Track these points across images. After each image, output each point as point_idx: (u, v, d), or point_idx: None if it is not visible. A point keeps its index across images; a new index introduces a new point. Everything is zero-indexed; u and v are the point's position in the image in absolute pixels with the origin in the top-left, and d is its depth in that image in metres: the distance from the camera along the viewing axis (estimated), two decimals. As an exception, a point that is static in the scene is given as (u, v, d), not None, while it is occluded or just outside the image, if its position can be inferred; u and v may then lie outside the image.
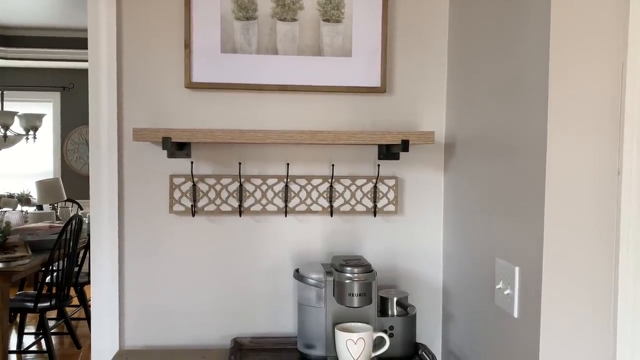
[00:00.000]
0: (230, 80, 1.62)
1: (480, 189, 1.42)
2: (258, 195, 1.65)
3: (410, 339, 1.52)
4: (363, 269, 1.42)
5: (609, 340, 1.10)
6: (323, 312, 1.47)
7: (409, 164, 1.70)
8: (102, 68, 1.61)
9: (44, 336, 3.78)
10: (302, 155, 1.67)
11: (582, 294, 1.10)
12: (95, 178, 1.63)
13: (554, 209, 1.08)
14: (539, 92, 1.11)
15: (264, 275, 1.67)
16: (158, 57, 1.62)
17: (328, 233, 1.69)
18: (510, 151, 1.24)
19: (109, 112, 1.61)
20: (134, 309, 1.64)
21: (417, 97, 1.69)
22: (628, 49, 1.06)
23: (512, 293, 1.21)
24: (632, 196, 1.07)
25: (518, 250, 1.20)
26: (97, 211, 1.63)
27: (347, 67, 1.64)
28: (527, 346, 1.15)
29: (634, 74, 1.06)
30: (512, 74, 1.23)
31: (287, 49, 1.63)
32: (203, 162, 1.64)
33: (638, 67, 1.06)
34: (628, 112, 1.06)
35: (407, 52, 1.68)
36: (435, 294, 1.73)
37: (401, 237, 1.71)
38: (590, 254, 1.10)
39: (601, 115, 1.08)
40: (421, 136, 1.49)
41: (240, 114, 1.64)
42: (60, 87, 6.85)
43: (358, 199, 1.68)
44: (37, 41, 5.88)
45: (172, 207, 1.62)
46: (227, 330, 1.66)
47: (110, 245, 1.62)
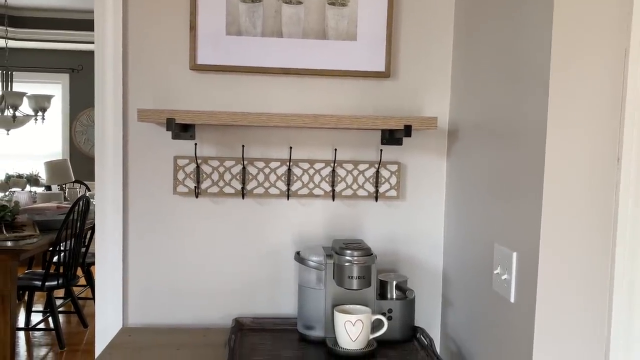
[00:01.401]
0: (235, 63, 1.62)
1: (481, 175, 1.43)
2: (261, 178, 1.66)
3: (408, 322, 1.54)
4: (363, 252, 1.44)
5: (604, 326, 1.11)
6: (323, 294, 1.49)
7: (411, 150, 1.71)
8: (107, 49, 1.62)
9: (51, 314, 3.85)
10: (305, 139, 1.68)
11: (578, 280, 1.11)
12: (100, 158, 1.65)
13: (552, 196, 1.09)
14: (540, 79, 1.11)
15: (265, 257, 1.69)
16: (164, 39, 1.63)
17: (330, 217, 1.70)
18: (511, 137, 1.25)
19: (114, 93, 1.62)
20: (137, 287, 1.67)
21: (421, 83, 1.68)
22: (631, 35, 1.05)
23: (509, 278, 1.22)
24: (630, 184, 1.07)
25: (516, 236, 1.21)
26: (102, 191, 1.65)
27: (351, 51, 1.64)
28: (523, 331, 1.16)
29: (636, 61, 1.05)
30: (515, 61, 1.23)
31: (292, 32, 1.63)
32: (207, 144, 1.66)
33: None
34: (629, 100, 1.06)
35: (412, 37, 1.67)
36: (435, 278, 1.74)
37: (402, 222, 1.72)
38: (588, 241, 1.10)
39: (602, 102, 1.08)
40: (424, 122, 1.49)
41: (244, 96, 1.65)
42: (69, 69, 6.88)
43: (360, 183, 1.69)
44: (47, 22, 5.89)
45: (176, 188, 1.64)
46: (228, 310, 1.68)
47: (114, 224, 1.65)
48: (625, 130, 1.07)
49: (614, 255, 1.09)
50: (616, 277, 1.09)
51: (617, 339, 1.09)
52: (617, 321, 1.09)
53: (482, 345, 1.41)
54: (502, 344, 1.28)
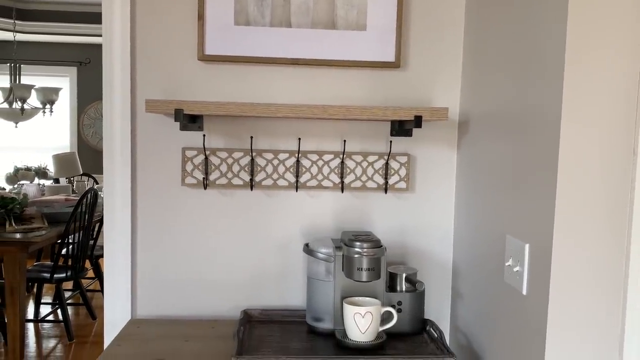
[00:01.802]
0: (243, 53, 1.61)
1: (493, 167, 1.41)
2: (269, 169, 1.65)
3: (418, 314, 1.53)
4: (372, 244, 1.42)
5: (618, 319, 1.09)
6: (332, 286, 1.48)
7: (421, 141, 1.69)
8: (115, 41, 1.61)
9: (60, 306, 3.87)
10: (314, 130, 1.66)
11: (592, 273, 1.09)
12: (108, 150, 1.64)
13: (566, 187, 1.07)
14: (554, 70, 1.09)
15: (274, 248, 1.68)
16: (172, 30, 1.62)
17: (338, 209, 1.69)
18: (524, 129, 1.23)
19: (122, 85, 1.62)
20: (146, 279, 1.67)
21: (431, 73, 1.67)
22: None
23: (521, 270, 1.20)
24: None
25: (529, 228, 1.19)
26: (111, 182, 1.64)
27: (361, 41, 1.62)
28: (535, 323, 1.15)
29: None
30: (528, 51, 1.21)
31: (301, 21, 1.61)
32: (215, 135, 1.65)
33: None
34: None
35: (422, 27, 1.65)
36: (444, 271, 1.73)
37: (412, 214, 1.70)
38: (602, 233, 1.08)
39: (618, 94, 1.06)
40: (435, 112, 1.47)
41: (252, 87, 1.64)
42: (77, 62, 6.88)
43: (369, 175, 1.67)
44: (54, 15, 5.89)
45: (184, 179, 1.63)
46: (237, 302, 1.68)
47: (123, 216, 1.64)
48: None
49: (629, 248, 1.07)
50: (631, 270, 1.07)
51: (632, 333, 1.08)
52: (631, 315, 1.07)
53: (493, 338, 1.39)
54: (513, 337, 1.26)
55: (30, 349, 3.72)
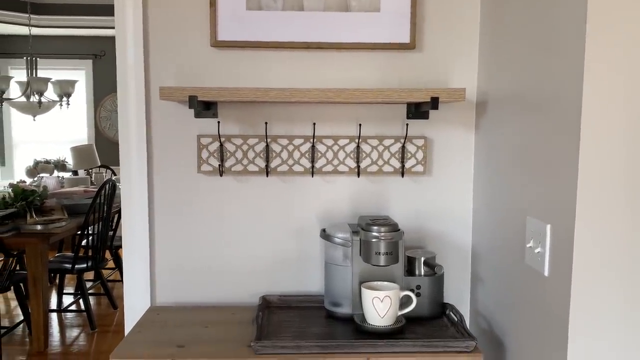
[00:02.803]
0: (256, 38, 1.59)
1: (512, 148, 1.38)
2: (285, 155, 1.64)
3: (437, 298, 1.51)
4: (390, 227, 1.41)
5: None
6: (350, 270, 1.47)
7: (438, 124, 1.66)
8: (128, 29, 1.61)
9: (82, 296, 3.93)
10: (329, 115, 1.65)
11: (615, 253, 1.06)
12: (124, 140, 1.64)
13: (588, 166, 1.04)
14: (575, 46, 1.05)
15: (291, 234, 1.68)
16: (184, 16, 1.61)
17: (355, 194, 1.68)
18: (544, 108, 1.20)
19: (136, 74, 1.61)
20: (164, 266, 1.68)
21: (448, 54, 1.63)
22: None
23: (542, 251, 1.18)
24: (673, 150, 1.02)
25: (550, 208, 1.16)
26: (127, 172, 1.65)
27: (375, 22, 1.59)
28: (558, 305, 1.13)
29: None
30: (548, 28, 1.18)
31: (313, 4, 1.59)
32: (230, 122, 1.64)
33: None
34: (672, 62, 1.00)
35: (438, 6, 1.62)
36: (463, 254, 1.71)
37: (429, 198, 1.68)
38: (626, 213, 1.05)
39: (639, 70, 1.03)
40: (452, 93, 1.45)
41: (266, 72, 1.63)
42: (93, 55, 6.92)
43: (385, 159, 1.65)
44: (69, 9, 5.93)
45: (200, 167, 1.63)
46: (255, 288, 1.68)
47: (140, 204, 1.65)
48: (667, 94, 1.01)
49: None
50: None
51: (658, 313, 1.05)
52: (658, 294, 1.05)
53: (514, 320, 1.38)
54: (535, 320, 1.24)
55: (54, 338, 3.79)
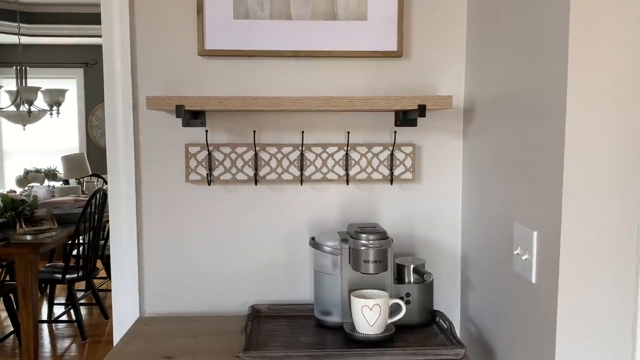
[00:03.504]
0: (244, 47, 1.59)
1: (499, 154, 1.39)
2: (273, 163, 1.64)
3: (427, 306, 1.51)
4: (378, 235, 1.41)
5: (630, 306, 1.07)
6: (339, 279, 1.47)
7: (426, 131, 1.67)
8: (115, 38, 1.60)
9: (73, 307, 3.90)
10: (318, 123, 1.65)
11: (602, 259, 1.07)
12: (112, 149, 1.64)
13: (573, 172, 1.05)
14: (558, 53, 1.06)
15: (280, 243, 1.67)
16: (171, 25, 1.60)
17: (344, 201, 1.67)
18: (529, 114, 1.20)
19: (123, 82, 1.61)
20: (153, 277, 1.67)
21: (435, 61, 1.64)
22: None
23: (530, 258, 1.18)
24: (656, 157, 1.02)
25: (536, 215, 1.17)
26: (115, 182, 1.64)
27: (362, 31, 1.60)
28: (546, 312, 1.13)
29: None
30: (532, 35, 1.18)
31: (301, 13, 1.59)
32: (218, 130, 1.64)
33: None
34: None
35: (424, 15, 1.63)
36: (453, 261, 1.71)
37: (419, 204, 1.69)
38: (612, 219, 1.06)
39: (625, 74, 1.03)
40: (439, 101, 1.45)
41: (254, 81, 1.63)
42: (84, 64, 6.90)
43: (374, 166, 1.65)
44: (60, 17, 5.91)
45: (188, 176, 1.63)
46: (244, 298, 1.67)
47: (128, 215, 1.64)
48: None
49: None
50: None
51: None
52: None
53: (503, 327, 1.38)
54: (524, 326, 1.24)
55: (45, 349, 3.75)
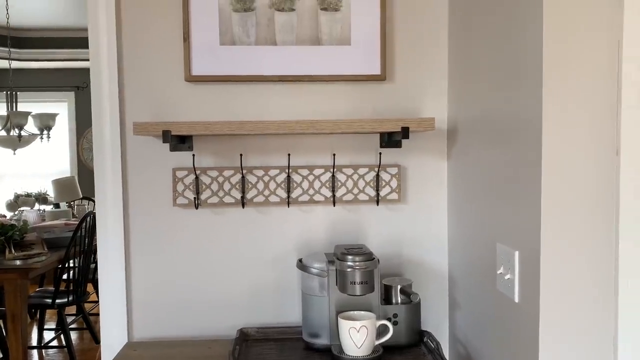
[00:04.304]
0: (230, 72, 1.62)
1: (481, 175, 1.41)
2: (260, 186, 1.66)
3: (414, 326, 1.52)
4: (364, 257, 1.42)
5: (611, 324, 1.09)
6: (326, 301, 1.48)
7: (411, 152, 1.69)
8: (102, 64, 1.62)
9: (63, 332, 3.85)
10: (304, 146, 1.67)
11: (582, 278, 1.09)
12: (99, 173, 1.65)
13: (551, 192, 1.07)
14: (533, 76, 1.09)
15: (268, 265, 1.68)
16: (158, 52, 1.63)
17: (331, 223, 1.69)
18: (508, 135, 1.23)
19: (111, 108, 1.63)
20: (141, 301, 1.66)
21: (418, 84, 1.67)
22: (624, 26, 1.03)
23: (512, 278, 1.20)
24: (630, 177, 1.05)
25: (517, 235, 1.19)
26: (102, 206, 1.65)
27: (346, 55, 1.63)
28: (529, 332, 1.14)
29: (630, 53, 1.03)
30: (508, 58, 1.22)
31: (286, 39, 1.62)
32: (205, 154, 1.65)
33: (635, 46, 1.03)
34: (625, 93, 1.04)
35: (407, 39, 1.66)
36: (441, 280, 1.72)
37: (405, 225, 1.70)
38: (590, 237, 1.08)
39: (597, 96, 1.06)
40: (422, 123, 1.48)
41: (241, 105, 1.65)
42: (74, 87, 6.93)
43: (360, 188, 1.67)
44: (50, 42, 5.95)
45: (176, 200, 1.64)
46: (233, 321, 1.67)
47: (116, 239, 1.64)
48: (623, 122, 1.05)
49: (618, 251, 1.07)
50: (621, 273, 1.07)
51: (625, 338, 1.07)
52: (624, 318, 1.07)
53: (489, 346, 1.38)
54: (508, 345, 1.25)
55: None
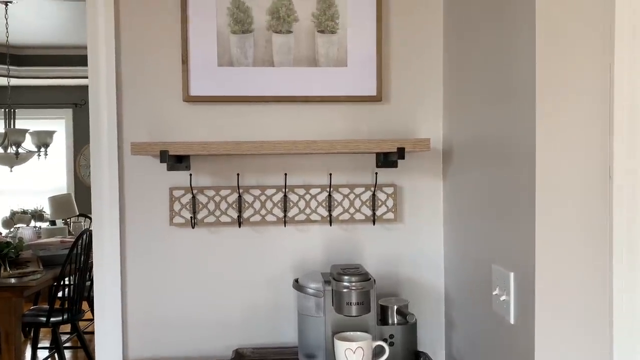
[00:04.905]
0: (228, 93, 1.64)
1: (476, 195, 1.42)
2: (257, 205, 1.66)
3: (411, 347, 1.51)
4: (361, 277, 1.42)
5: (605, 346, 1.09)
6: (322, 321, 1.47)
7: (407, 172, 1.70)
8: (101, 83, 1.64)
9: (57, 350, 3.82)
10: (300, 165, 1.68)
11: (576, 299, 1.09)
12: (97, 191, 1.65)
13: (545, 214, 1.08)
14: (526, 98, 1.11)
15: (264, 285, 1.68)
16: (156, 72, 1.65)
17: (328, 242, 1.69)
18: (502, 156, 1.24)
19: (108, 127, 1.64)
20: (136, 320, 1.66)
21: (413, 105, 1.69)
22: (615, 50, 1.05)
23: (507, 299, 1.20)
24: (624, 199, 1.06)
25: (512, 256, 1.19)
26: (99, 224, 1.65)
27: (342, 76, 1.65)
28: (524, 353, 1.14)
29: (621, 76, 1.05)
30: (502, 82, 1.23)
31: (283, 60, 1.64)
32: (202, 174, 1.66)
33: (626, 70, 1.05)
34: (617, 115, 1.06)
35: (402, 61, 1.68)
36: (437, 300, 1.72)
37: (401, 244, 1.71)
38: (584, 258, 1.09)
39: (590, 119, 1.08)
40: (417, 143, 1.49)
41: (238, 125, 1.66)
42: (72, 104, 6.95)
43: (357, 207, 1.68)
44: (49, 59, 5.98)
45: (172, 219, 1.64)
46: (229, 341, 1.66)
47: (112, 258, 1.64)
48: (615, 145, 1.06)
49: (612, 272, 1.07)
50: (615, 295, 1.07)
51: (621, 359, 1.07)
52: (619, 340, 1.07)
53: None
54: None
55: (27, 395, 3.65)
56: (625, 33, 1.05)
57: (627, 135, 1.06)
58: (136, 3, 1.63)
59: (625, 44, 1.05)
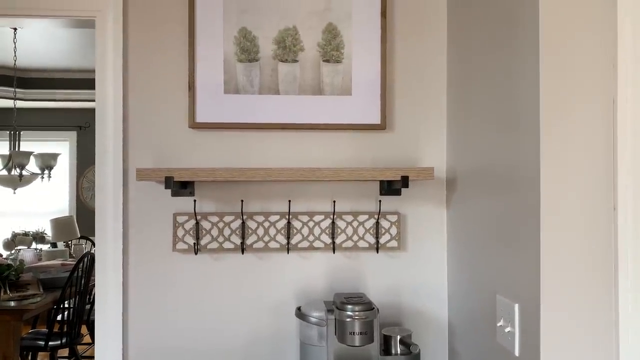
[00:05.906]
0: (234, 120, 1.65)
1: (480, 225, 1.42)
2: (260, 232, 1.66)
3: (414, 378, 1.49)
4: (364, 306, 1.41)
5: (613, 379, 1.08)
6: (325, 351, 1.46)
7: (411, 200, 1.70)
8: (108, 109, 1.66)
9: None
10: (304, 192, 1.68)
11: (583, 330, 1.08)
12: (100, 215, 1.65)
13: (550, 245, 1.08)
14: (531, 127, 1.12)
15: (267, 313, 1.67)
16: (163, 99, 1.66)
17: (331, 270, 1.69)
18: (506, 187, 1.25)
19: (114, 152, 1.65)
20: (138, 347, 1.64)
21: (417, 134, 1.70)
22: (618, 85, 1.07)
23: (512, 331, 1.19)
24: (628, 231, 1.06)
25: (517, 287, 1.19)
26: (102, 249, 1.65)
27: (347, 105, 1.67)
28: (530, 386, 1.13)
29: (625, 109, 1.06)
30: (507, 111, 1.25)
31: (289, 89, 1.66)
32: (206, 200, 1.67)
33: (629, 102, 1.06)
34: (621, 147, 1.07)
35: (406, 90, 1.70)
36: (441, 330, 1.71)
37: (405, 273, 1.70)
38: (590, 289, 1.08)
39: (594, 150, 1.09)
40: (421, 172, 1.50)
41: (243, 152, 1.67)
42: (77, 127, 7.00)
43: (360, 235, 1.68)
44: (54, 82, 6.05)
45: (176, 245, 1.64)
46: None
47: (114, 283, 1.64)
48: (619, 177, 1.07)
49: (617, 303, 1.07)
50: (621, 325, 1.06)
51: (628, 393, 1.06)
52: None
53: (490, 400, 1.36)
54: (510, 400, 1.23)
55: (22, 421, 3.59)
56: (629, 66, 1.07)
57: (630, 167, 1.06)
58: (144, 30, 1.66)
59: (629, 77, 1.06)
